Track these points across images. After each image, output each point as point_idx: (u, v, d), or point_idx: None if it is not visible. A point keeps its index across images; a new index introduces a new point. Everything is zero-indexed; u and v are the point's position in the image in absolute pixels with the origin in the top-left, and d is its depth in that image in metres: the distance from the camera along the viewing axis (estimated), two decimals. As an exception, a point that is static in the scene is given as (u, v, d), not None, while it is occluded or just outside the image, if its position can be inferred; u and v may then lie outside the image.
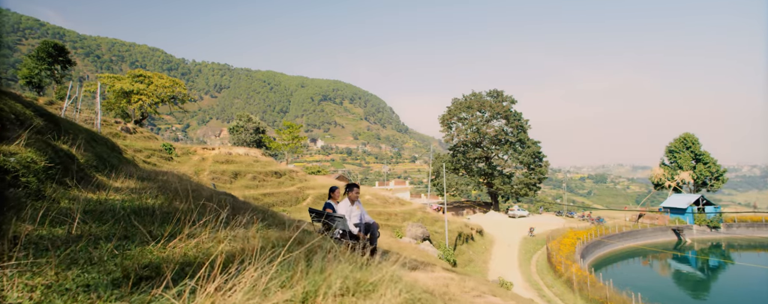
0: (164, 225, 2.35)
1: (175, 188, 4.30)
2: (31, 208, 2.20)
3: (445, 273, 5.86)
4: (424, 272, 5.68)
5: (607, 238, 41.43)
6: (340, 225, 5.97)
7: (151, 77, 34.67)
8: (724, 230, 49.89)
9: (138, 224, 2.25)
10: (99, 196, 3.32)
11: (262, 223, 2.87)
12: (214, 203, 3.56)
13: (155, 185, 4.81)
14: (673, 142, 63.36)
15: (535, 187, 63.36)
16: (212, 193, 5.38)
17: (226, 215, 2.64)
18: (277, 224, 3.48)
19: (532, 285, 25.89)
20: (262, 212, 4.71)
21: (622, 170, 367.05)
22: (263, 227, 2.74)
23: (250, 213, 3.52)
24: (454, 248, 30.53)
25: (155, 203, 3.07)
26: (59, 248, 1.64)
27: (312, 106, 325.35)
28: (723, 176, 60.77)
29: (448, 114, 66.80)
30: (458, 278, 5.79)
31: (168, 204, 3.06)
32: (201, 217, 2.50)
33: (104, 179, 4.63)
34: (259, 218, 3.08)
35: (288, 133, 50.12)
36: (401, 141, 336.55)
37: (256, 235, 2.38)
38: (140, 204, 2.97)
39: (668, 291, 31.51)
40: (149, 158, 19.52)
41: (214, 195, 4.89)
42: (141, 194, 3.58)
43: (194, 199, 3.78)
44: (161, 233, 2.10)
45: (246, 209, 4.05)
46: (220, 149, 29.55)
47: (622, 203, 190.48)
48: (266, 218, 3.80)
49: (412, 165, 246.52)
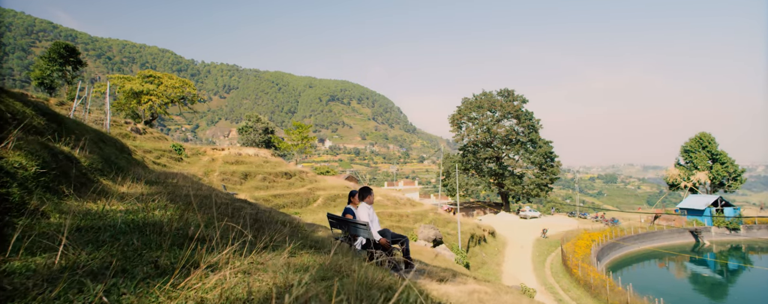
0: (174, 249, 1.90)
1: (186, 194, 3.88)
2: (10, 228, 1.77)
3: (476, 285, 5.38)
4: (455, 286, 5.20)
5: (623, 240, 40.51)
6: (363, 233, 5.51)
7: (160, 78, 34.53)
8: (744, 233, 48.59)
9: (142, 248, 1.81)
10: (100, 206, 2.89)
11: (292, 241, 2.43)
12: (231, 216, 3.11)
13: (165, 190, 4.38)
14: (688, 142, 61.98)
15: (546, 187, 62.44)
16: (227, 200, 4.93)
17: (250, 235, 2.19)
18: (308, 241, 3.02)
19: (547, 288, 25.23)
20: (286, 222, 4.25)
21: (632, 169, 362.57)
22: (296, 247, 2.30)
23: (274, 225, 3.08)
24: (466, 249, 29.96)
25: (164, 217, 2.62)
26: (29, 293, 1.19)
27: (320, 107, 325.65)
28: (741, 177, 59.27)
29: (458, 114, 66.12)
30: (492, 291, 5.30)
31: (179, 217, 2.61)
32: (221, 238, 2.06)
33: (109, 184, 4.21)
34: (286, 234, 2.64)
35: (297, 134, 49.81)
36: (409, 141, 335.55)
37: (291, 263, 1.93)
38: (146, 218, 2.52)
39: (686, 295, 30.64)
40: (159, 159, 19.24)
41: (229, 203, 4.45)
42: (148, 202, 3.13)
43: (208, 208, 3.35)
44: (171, 262, 1.65)
45: (268, 221, 3.60)
46: (229, 150, 29.26)
47: (633, 204, 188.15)
48: (293, 232, 3.33)
49: (420, 165, 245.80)
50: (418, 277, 5.94)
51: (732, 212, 50.85)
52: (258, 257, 1.92)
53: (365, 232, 5.40)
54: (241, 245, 1.94)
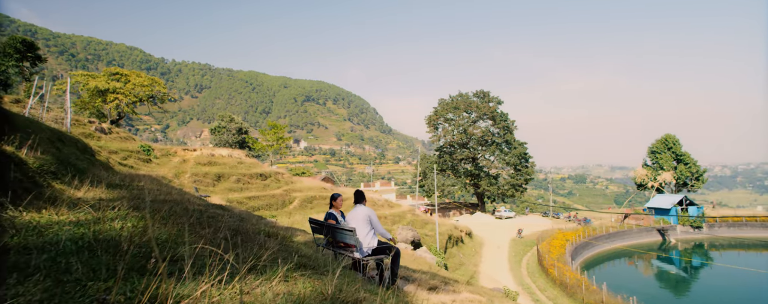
0: (132, 277, 1.47)
1: (154, 200, 3.41)
2: None
3: (469, 294, 5.09)
4: (448, 295, 4.89)
5: (595, 239, 41.43)
6: (349, 239, 5.12)
7: (128, 75, 33.02)
8: (706, 230, 50.55)
9: (88, 276, 1.39)
10: (44, 217, 2.41)
11: (283, 260, 2.04)
12: (206, 226, 2.68)
13: (128, 195, 3.89)
14: (655, 143, 64.10)
15: (521, 188, 63.40)
16: (201, 206, 4.43)
17: (231, 255, 1.79)
18: (300, 258, 2.62)
19: (524, 288, 25.39)
20: (271, 234, 3.81)
21: (600, 170, 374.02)
22: (289, 269, 1.92)
23: (258, 238, 2.67)
24: (444, 251, 29.90)
25: (123, 230, 2.17)
26: None
27: (295, 107, 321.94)
28: (703, 177, 61.80)
29: (434, 115, 66.39)
30: (486, 300, 5.02)
31: (142, 231, 2.17)
32: (195, 257, 1.65)
33: (62, 189, 3.69)
34: (274, 249, 2.25)
35: (272, 134, 48.78)
36: (385, 142, 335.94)
37: (285, 293, 1.54)
38: (99, 232, 2.05)
39: (653, 292, 31.47)
40: (126, 160, 18.24)
41: (203, 210, 3.97)
42: (105, 210, 2.65)
43: (178, 217, 2.91)
44: (126, 296, 1.24)
45: (250, 233, 3.16)
46: (201, 150, 28.22)
47: (602, 203, 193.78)
48: (282, 246, 2.91)
49: (396, 166, 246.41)
50: (405, 284, 5.60)
51: (696, 210, 52.85)
52: (243, 285, 1.53)
53: (352, 238, 5.02)
54: (220, 268, 1.55)
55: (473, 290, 5.81)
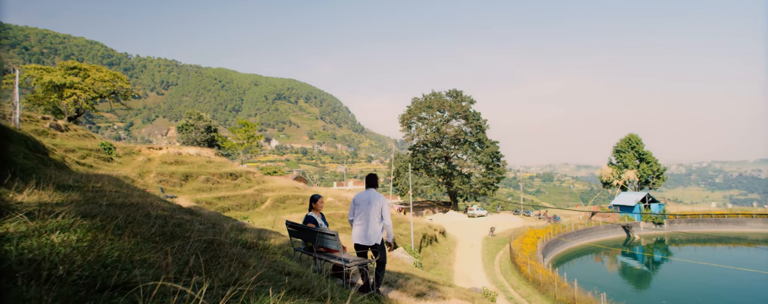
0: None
1: (110, 204, 2.93)
2: None
3: (459, 301, 4.81)
4: (436, 302, 4.60)
5: (564, 236, 42.40)
6: (333, 245, 4.75)
7: (87, 70, 31.16)
8: (667, 226, 52.72)
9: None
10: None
11: (274, 285, 1.67)
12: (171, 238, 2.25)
13: (80, 198, 3.39)
14: (619, 143, 66.31)
15: (493, 186, 64.28)
16: (166, 210, 3.92)
17: (204, 278, 1.41)
18: (292, 281, 2.22)
19: (498, 286, 25.56)
20: (251, 246, 3.36)
21: (567, 169, 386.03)
22: (280, 298, 1.54)
23: (236, 253, 2.28)
24: (419, 250, 29.80)
25: (64, 246, 1.72)
26: None
27: (266, 105, 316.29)
28: (663, 175, 64.45)
29: (408, 113, 66.41)
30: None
31: (89, 246, 1.72)
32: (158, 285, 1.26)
33: (2, 191, 3.16)
34: (258, 268, 1.86)
35: (243, 132, 47.46)
36: (357, 141, 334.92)
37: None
38: (29, 249, 1.59)
39: (617, 286, 32.39)
40: (84, 159, 17.09)
41: (169, 216, 3.48)
42: (46, 219, 2.17)
43: (139, 225, 2.47)
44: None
45: (225, 245, 2.73)
46: (168, 149, 27.00)
47: (568, 201, 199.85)
48: (266, 264, 2.49)
49: (369, 165, 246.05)
50: (390, 290, 5.28)
51: (657, 207, 55.03)
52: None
53: (334, 243, 4.66)
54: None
55: (461, 296, 5.56)
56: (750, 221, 53.40)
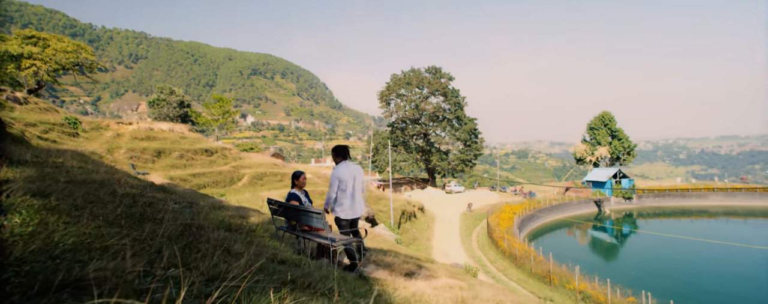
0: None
1: (70, 181, 2.57)
2: None
3: (449, 280, 4.69)
4: (427, 281, 4.45)
5: (539, 211, 43.45)
6: (318, 224, 4.50)
7: (47, 39, 29.14)
8: (635, 201, 54.71)
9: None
10: None
11: (266, 275, 1.40)
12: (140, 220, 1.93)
13: (35, 175, 3.00)
14: (593, 120, 67.70)
15: (471, 163, 65.00)
16: (135, 188, 3.52)
17: (180, 273, 1.13)
18: (287, 270, 1.94)
19: (476, 261, 26.07)
20: (235, 228, 3.02)
21: (541, 146, 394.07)
22: (279, 294, 1.29)
23: (218, 237, 1.98)
24: (398, 226, 30.01)
25: (4, 231, 1.39)
26: None
27: (241, 81, 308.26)
28: (633, 151, 66.49)
29: (386, 90, 65.79)
30: (467, 286, 4.64)
31: (37, 232, 1.39)
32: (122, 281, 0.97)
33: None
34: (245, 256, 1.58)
35: (218, 108, 46.04)
36: (335, 117, 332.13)
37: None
38: None
39: (587, 258, 33.64)
40: (47, 134, 16.12)
41: (139, 194, 3.10)
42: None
43: (101, 204, 2.13)
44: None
45: (205, 228, 2.40)
46: (139, 124, 25.87)
47: (542, 177, 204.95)
48: (252, 247, 2.18)
49: (347, 142, 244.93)
50: (376, 270, 5.11)
51: (628, 183, 56.93)
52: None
53: (320, 221, 4.40)
54: None
55: (450, 274, 5.45)
56: (711, 195, 56.03)
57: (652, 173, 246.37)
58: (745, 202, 54.33)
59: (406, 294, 3.80)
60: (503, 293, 5.55)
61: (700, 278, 26.76)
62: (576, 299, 18.43)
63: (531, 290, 20.02)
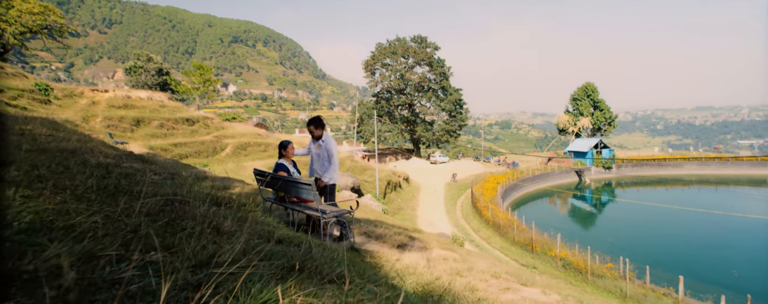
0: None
1: (34, 149, 2.30)
2: None
3: (442, 251, 4.62)
4: (419, 253, 4.37)
5: (522, 181, 44.17)
6: (308, 195, 4.32)
7: (10, 0, 27.43)
8: (615, 170, 56.05)
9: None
10: None
11: (263, 259, 1.22)
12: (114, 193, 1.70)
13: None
14: (576, 91, 68.03)
15: (455, 134, 65.20)
16: (109, 158, 3.19)
17: (160, 258, 0.93)
18: (285, 251, 1.75)
19: (460, 230, 26.53)
20: (223, 202, 2.78)
21: (524, 116, 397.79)
22: (282, 283, 1.10)
23: (205, 214, 1.77)
24: (383, 196, 30.18)
25: None
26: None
27: (221, 48, 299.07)
28: (614, 122, 67.51)
29: (371, 59, 64.62)
30: (460, 257, 4.58)
31: None
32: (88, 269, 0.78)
33: None
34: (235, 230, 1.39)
35: (198, 76, 44.61)
36: (319, 87, 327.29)
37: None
38: None
39: (566, 226, 34.61)
40: (15, 101, 15.31)
41: (114, 164, 2.81)
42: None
43: (70, 175, 1.88)
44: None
45: (193, 200, 2.16)
46: (115, 92, 24.89)
47: (524, 148, 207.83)
48: (247, 227, 1.96)
49: (331, 112, 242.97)
50: (368, 242, 5.01)
51: (608, 153, 58.12)
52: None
53: (310, 193, 4.23)
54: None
55: (443, 246, 5.40)
56: (686, 164, 57.79)
57: (630, 143, 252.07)
58: (717, 171, 56.26)
59: (400, 267, 3.71)
60: (496, 264, 5.56)
61: (672, 243, 27.85)
62: (557, 265, 18.99)
63: (514, 258, 20.53)
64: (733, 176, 54.50)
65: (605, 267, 17.60)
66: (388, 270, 3.63)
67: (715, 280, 18.77)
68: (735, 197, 44.71)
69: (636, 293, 15.33)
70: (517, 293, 3.39)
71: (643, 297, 15.00)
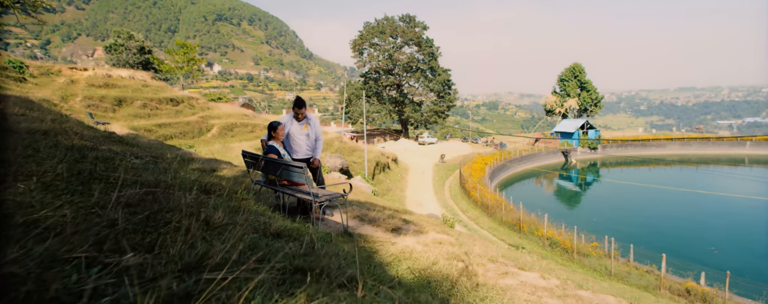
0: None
1: (3, 129, 2.08)
2: None
3: (437, 235, 4.54)
4: (415, 237, 4.28)
5: (510, 162, 44.53)
6: (300, 178, 4.16)
7: (-23, -28, 25.98)
8: (600, 151, 56.80)
9: None
10: None
11: (259, 256, 1.06)
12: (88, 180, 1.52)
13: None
14: (564, 72, 68.13)
15: (444, 114, 65.10)
16: (86, 140, 2.91)
17: (141, 260, 0.76)
18: (282, 246, 1.59)
19: (449, 210, 26.73)
20: (211, 189, 2.55)
21: (511, 97, 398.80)
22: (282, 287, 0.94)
23: (190, 201, 1.60)
24: (372, 177, 30.14)
25: None
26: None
27: (205, 27, 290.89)
28: (600, 103, 68.09)
29: (359, 39, 63.56)
30: (455, 240, 4.51)
31: None
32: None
33: None
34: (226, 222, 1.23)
35: (182, 55, 43.38)
36: (306, 67, 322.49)
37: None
38: None
39: (551, 206, 35.22)
40: (-11, 80, 14.66)
41: (90, 148, 2.54)
42: None
43: (38, 160, 1.68)
44: None
45: (178, 187, 1.95)
46: (95, 71, 24.02)
47: (511, 128, 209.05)
48: (240, 221, 1.74)
49: (318, 92, 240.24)
50: (361, 225, 4.91)
51: (594, 133, 58.78)
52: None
53: (302, 176, 4.07)
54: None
55: (440, 230, 5.32)
56: (669, 144, 58.84)
57: (614, 123, 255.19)
58: (698, 151, 57.45)
59: (395, 251, 3.61)
60: (490, 247, 5.51)
61: (654, 222, 28.56)
62: (544, 245, 19.29)
63: (501, 238, 20.79)
64: (714, 156, 55.75)
65: (591, 246, 17.93)
66: (384, 255, 3.54)
67: (695, 257, 19.29)
68: (714, 176, 45.86)
69: (620, 271, 15.68)
70: (516, 277, 3.33)
71: (626, 275, 15.35)
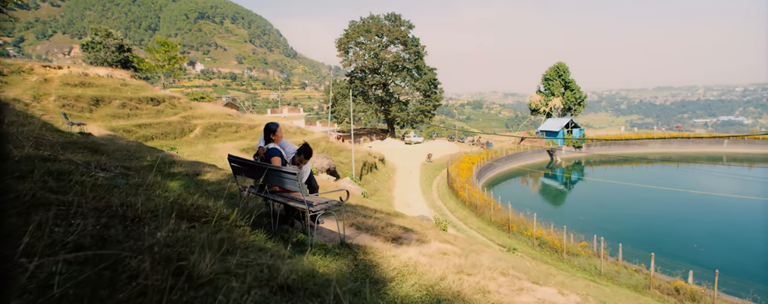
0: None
1: None
2: None
3: (441, 245, 4.25)
4: (418, 247, 3.99)
5: (496, 161, 44.67)
6: (293, 186, 3.82)
7: (-57, -35, 24.77)
8: (584, 149, 57.48)
9: None
10: None
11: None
12: (37, 210, 1.17)
13: None
14: (548, 71, 68.79)
15: (430, 114, 65.07)
16: (47, 151, 2.46)
17: None
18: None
19: (437, 211, 26.55)
20: (191, 215, 2.11)
21: (495, 96, 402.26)
22: None
23: (176, 242, 1.26)
24: (359, 177, 29.80)
25: None
26: None
27: (187, 25, 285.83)
28: (584, 102, 69.02)
29: (345, 38, 63.08)
30: (461, 252, 4.23)
31: None
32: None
33: None
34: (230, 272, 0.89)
35: (163, 53, 42.28)
36: (290, 66, 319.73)
37: None
38: None
39: (537, 204, 35.43)
40: (-46, 79, 13.86)
41: (44, 162, 2.10)
42: None
43: None
44: None
45: (149, 214, 1.54)
46: (70, 69, 23.10)
47: (495, 127, 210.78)
48: (244, 265, 1.35)
49: (303, 92, 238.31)
50: (358, 234, 4.59)
51: (578, 132, 59.43)
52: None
53: (296, 183, 3.73)
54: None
55: (442, 238, 5.04)
56: (651, 142, 59.92)
57: (596, 122, 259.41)
58: (678, 149, 58.65)
59: (398, 264, 3.30)
60: (499, 258, 5.26)
61: (639, 219, 28.92)
62: (533, 245, 19.23)
63: (491, 239, 20.68)
64: (693, 154, 56.97)
65: (580, 246, 17.92)
66: (386, 269, 3.22)
67: (680, 255, 19.46)
68: (695, 174, 46.83)
69: (610, 270, 15.66)
70: (533, 293, 3.07)
71: (616, 274, 15.35)
